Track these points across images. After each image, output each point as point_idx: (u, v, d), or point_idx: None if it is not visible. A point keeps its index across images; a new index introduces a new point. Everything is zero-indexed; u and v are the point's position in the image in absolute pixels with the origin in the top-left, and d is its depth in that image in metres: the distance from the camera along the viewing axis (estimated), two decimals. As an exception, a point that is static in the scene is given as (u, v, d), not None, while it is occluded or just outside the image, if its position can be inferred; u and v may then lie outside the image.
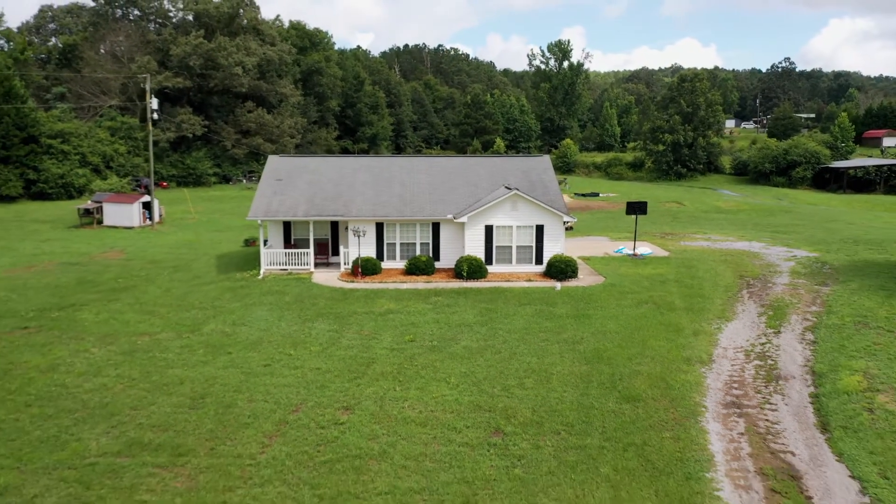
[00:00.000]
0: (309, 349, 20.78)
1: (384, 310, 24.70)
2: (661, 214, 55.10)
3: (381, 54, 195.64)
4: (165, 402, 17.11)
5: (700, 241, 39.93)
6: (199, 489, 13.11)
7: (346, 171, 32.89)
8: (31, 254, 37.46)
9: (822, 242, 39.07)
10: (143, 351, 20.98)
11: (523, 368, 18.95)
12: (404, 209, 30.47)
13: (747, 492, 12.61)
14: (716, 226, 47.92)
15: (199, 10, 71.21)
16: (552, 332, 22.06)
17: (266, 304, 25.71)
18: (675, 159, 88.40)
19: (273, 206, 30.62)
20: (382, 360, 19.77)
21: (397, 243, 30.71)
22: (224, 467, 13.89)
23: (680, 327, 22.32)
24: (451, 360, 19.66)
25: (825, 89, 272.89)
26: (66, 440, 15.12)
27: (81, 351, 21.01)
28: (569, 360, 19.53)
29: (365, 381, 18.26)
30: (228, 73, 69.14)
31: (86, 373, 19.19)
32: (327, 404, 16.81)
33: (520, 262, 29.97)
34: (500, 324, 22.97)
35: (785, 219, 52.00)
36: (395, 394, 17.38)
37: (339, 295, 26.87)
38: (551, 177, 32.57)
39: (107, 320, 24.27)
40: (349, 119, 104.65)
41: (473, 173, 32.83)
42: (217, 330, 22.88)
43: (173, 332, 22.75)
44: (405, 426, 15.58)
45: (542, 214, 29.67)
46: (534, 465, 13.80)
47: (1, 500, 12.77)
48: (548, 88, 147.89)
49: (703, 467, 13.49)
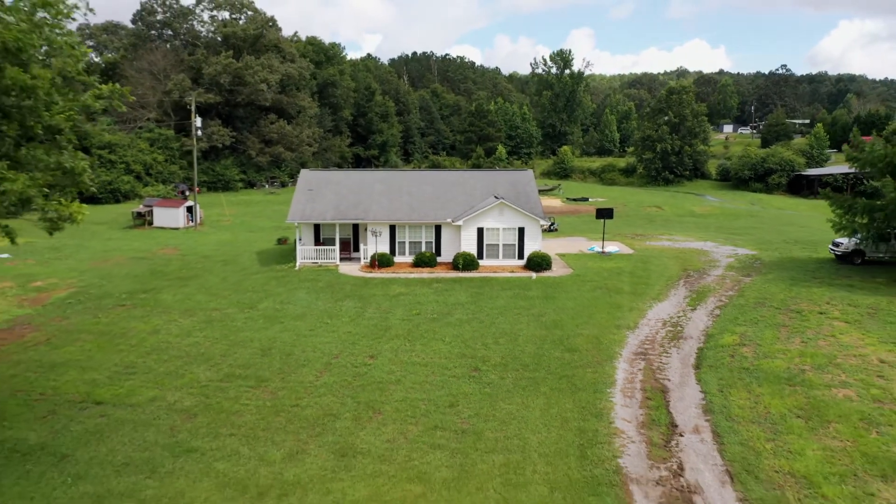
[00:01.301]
0: (341, 319, 27.99)
1: (396, 293, 31.90)
2: (640, 217, 62.07)
3: (390, 61, 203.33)
4: (243, 352, 24.34)
5: (663, 242, 46.93)
6: (279, 399, 20.30)
7: (365, 183, 40.14)
8: (102, 250, 44.87)
9: (766, 243, 46.00)
10: (218, 321, 28.25)
11: (498, 332, 26.07)
12: (412, 214, 37.68)
13: (631, 398, 19.71)
14: (683, 228, 54.87)
15: (227, 33, 78.82)
16: (524, 308, 29.18)
17: (304, 289, 32.97)
18: (664, 166, 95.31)
19: (306, 212, 37.90)
20: (396, 326, 26.95)
21: (406, 242, 37.91)
22: (293, 388, 21.08)
23: (621, 305, 29.41)
24: (446, 326, 26.82)
25: (825, 94, 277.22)
26: (183, 373, 22.38)
27: (171, 321, 28.31)
28: (533, 327, 26.64)
29: (384, 340, 25.43)
30: (254, 89, 76.67)
31: (180, 334, 26.47)
32: (358, 354, 23.99)
33: (505, 257, 37.13)
34: (485, 303, 30.11)
35: (747, 222, 58.88)
36: (405, 347, 24.53)
37: (361, 282, 34.10)
38: (533, 188, 39.69)
39: (183, 300, 31.58)
40: (361, 127, 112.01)
41: (469, 185, 39.98)
42: (270, 307, 30.14)
43: (236, 308, 30.03)
44: (412, 366, 22.72)
45: (523, 219, 36.80)
46: (498, 386, 20.92)
47: (156, 403, 20.01)
48: (549, 96, 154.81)
49: (606, 387, 20.58)
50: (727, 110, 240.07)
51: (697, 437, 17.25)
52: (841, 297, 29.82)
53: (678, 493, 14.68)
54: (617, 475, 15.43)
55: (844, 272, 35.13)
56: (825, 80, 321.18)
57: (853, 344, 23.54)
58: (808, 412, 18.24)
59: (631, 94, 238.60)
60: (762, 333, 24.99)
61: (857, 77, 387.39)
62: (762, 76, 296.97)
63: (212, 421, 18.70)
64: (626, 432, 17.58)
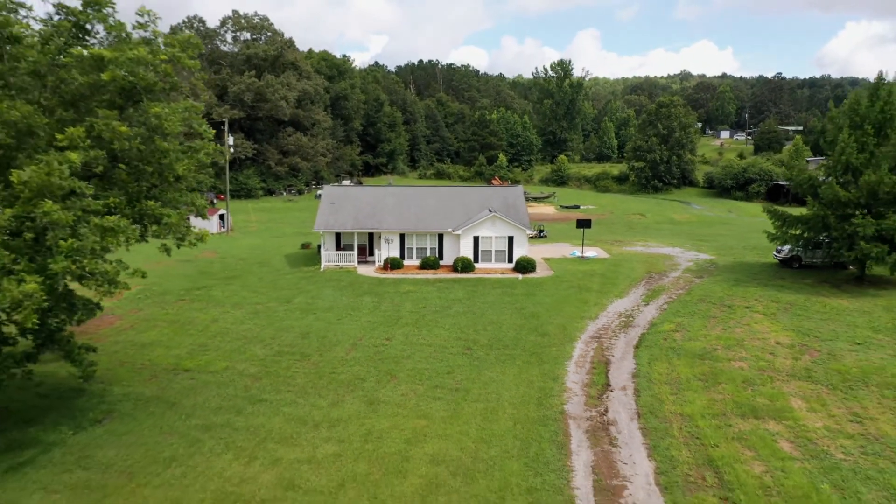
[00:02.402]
0: (361, 311, 34.91)
1: (406, 290, 38.80)
2: (623, 224, 68.82)
3: (397, 68, 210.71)
4: (287, 336, 31.28)
5: (638, 247, 53.71)
6: (319, 368, 27.20)
7: (379, 197, 47.08)
8: (149, 253, 51.79)
9: (727, 248, 52.71)
10: (263, 312, 35.21)
11: (487, 321, 32.92)
12: (419, 224, 44.58)
13: (581, 368, 26.55)
14: (659, 235, 61.62)
15: (249, 54, 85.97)
16: (509, 303, 36.04)
17: (330, 287, 39.92)
18: (653, 175, 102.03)
19: (329, 222, 44.86)
20: (406, 317, 33.85)
21: (414, 248, 44.80)
22: (329, 361, 27.99)
23: (588, 301, 36.25)
24: (446, 317, 33.69)
25: (823, 99, 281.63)
26: (244, 350, 29.33)
27: (225, 312, 35.29)
28: (515, 317, 33.49)
29: (396, 326, 32.32)
30: (274, 105, 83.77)
31: (235, 322, 33.44)
32: (376, 337, 30.88)
33: (496, 261, 44.00)
34: (478, 299, 36.98)
35: (718, 230, 65.56)
36: (413, 332, 31.41)
37: (376, 281, 41.03)
38: (522, 202, 46.53)
39: (231, 296, 38.56)
40: (370, 136, 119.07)
41: (467, 199, 46.85)
42: (303, 301, 37.10)
43: (276, 302, 37.00)
44: (419, 346, 29.58)
45: (512, 229, 43.67)
46: (483, 360, 27.77)
47: (229, 370, 26.94)
48: (550, 104, 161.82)
49: (564, 360, 27.41)
50: (725, 116, 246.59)
51: (623, 392, 24.09)
52: (769, 295, 36.61)
53: (600, 425, 21.51)
54: (560, 415, 22.27)
55: (781, 274, 41.88)
56: (825, 85, 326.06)
57: (761, 331, 30.38)
58: (707, 377, 25.07)
59: (631, 100, 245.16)
60: (694, 323, 31.83)
61: (860, 80, 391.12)
62: (763, 80, 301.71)
63: (273, 382, 25.64)
64: (573, 390, 24.44)
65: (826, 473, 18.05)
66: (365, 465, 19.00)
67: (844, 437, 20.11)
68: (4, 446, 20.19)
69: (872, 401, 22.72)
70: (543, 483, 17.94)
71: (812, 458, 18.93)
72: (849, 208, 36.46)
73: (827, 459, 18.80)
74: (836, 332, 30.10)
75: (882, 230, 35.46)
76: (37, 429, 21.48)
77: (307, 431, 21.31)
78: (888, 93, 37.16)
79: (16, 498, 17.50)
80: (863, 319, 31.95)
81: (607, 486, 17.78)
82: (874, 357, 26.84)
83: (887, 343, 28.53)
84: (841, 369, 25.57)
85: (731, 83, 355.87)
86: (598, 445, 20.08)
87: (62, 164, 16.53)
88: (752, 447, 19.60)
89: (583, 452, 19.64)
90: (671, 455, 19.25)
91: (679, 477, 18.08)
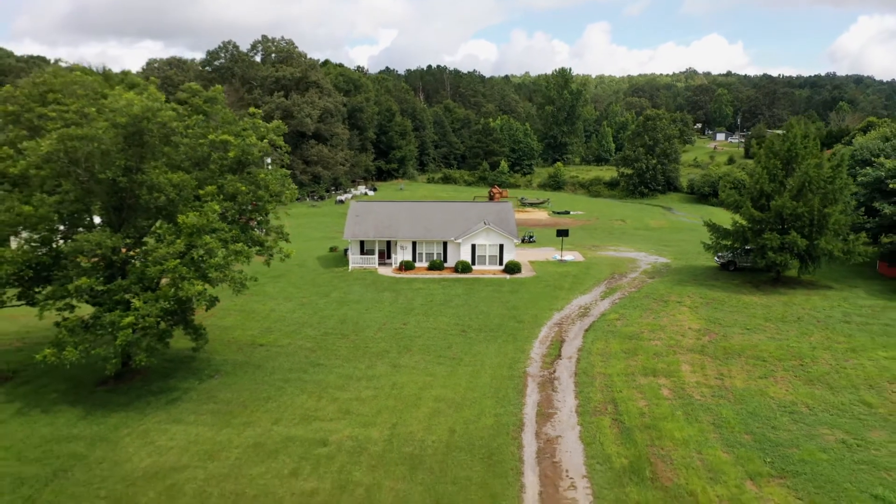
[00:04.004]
0: (383, 303, 45.64)
1: (417, 287, 49.50)
2: (603, 230, 79.24)
3: (407, 72, 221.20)
4: (329, 321, 42.06)
5: (610, 252, 64.18)
6: (356, 344, 37.95)
7: (395, 211, 57.79)
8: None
9: (684, 253, 63.08)
10: (307, 304, 46.01)
11: (479, 311, 43.57)
12: (427, 234, 55.24)
13: (543, 345, 37.20)
14: (632, 240, 72.01)
15: (279, 76, 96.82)
16: (497, 298, 46.66)
17: (357, 284, 50.69)
18: (640, 181, 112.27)
19: (356, 232, 55.62)
20: (417, 307, 44.56)
21: (423, 252, 55.46)
22: (363, 339, 38.76)
23: (558, 297, 46.85)
24: (448, 308, 44.36)
25: (820, 102, 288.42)
26: (299, 332, 40.08)
27: (279, 304, 46.10)
28: (500, 308, 44.11)
29: (410, 315, 43.03)
30: (300, 121, 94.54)
31: (288, 311, 44.25)
32: (396, 322, 41.60)
33: (490, 264, 54.64)
34: (474, 294, 47.61)
35: (684, 235, 75.81)
36: (423, 319, 42.11)
37: (393, 280, 51.74)
38: (511, 216, 57.07)
39: (280, 291, 49.38)
40: (383, 143, 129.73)
41: (467, 213, 57.44)
42: (338, 295, 47.89)
43: (317, 296, 47.80)
44: (428, 329, 40.27)
45: (503, 238, 54.27)
46: (474, 339, 38.45)
47: (291, 345, 37.73)
48: (551, 110, 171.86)
49: (532, 339, 38.04)
50: (723, 118, 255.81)
51: (568, 360, 34.72)
52: (699, 292, 47.11)
53: (548, 380, 32.13)
54: (523, 374, 32.91)
55: (717, 276, 52.29)
56: (825, 84, 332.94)
57: (681, 320, 40.93)
58: (630, 351, 35.67)
59: (632, 102, 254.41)
60: (633, 313, 42.42)
61: (864, 78, 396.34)
62: (767, 78, 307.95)
63: (324, 353, 36.40)
64: (534, 359, 35.08)
65: (684, 407, 28.65)
66: (392, 402, 29.74)
67: (706, 388, 30.69)
68: (159, 390, 31.11)
69: (737, 366, 33.27)
70: (505, 411, 28.63)
71: (679, 398, 29.54)
72: (762, 225, 46.86)
73: (688, 399, 29.40)
74: (737, 320, 40.62)
75: (785, 243, 45.82)
76: (174, 381, 32.40)
77: (352, 383, 32.10)
78: (794, 135, 47.44)
79: (179, 416, 28.38)
80: (762, 311, 42.44)
81: (545, 413, 28.45)
82: (755, 339, 37.36)
83: (770, 329, 39.03)
84: (727, 346, 36.11)
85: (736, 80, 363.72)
86: (544, 391, 30.78)
87: (212, 213, 27.29)
88: (643, 392, 30.23)
89: (533, 395, 30.33)
90: (589, 397, 29.90)
91: (591, 408, 28.73)
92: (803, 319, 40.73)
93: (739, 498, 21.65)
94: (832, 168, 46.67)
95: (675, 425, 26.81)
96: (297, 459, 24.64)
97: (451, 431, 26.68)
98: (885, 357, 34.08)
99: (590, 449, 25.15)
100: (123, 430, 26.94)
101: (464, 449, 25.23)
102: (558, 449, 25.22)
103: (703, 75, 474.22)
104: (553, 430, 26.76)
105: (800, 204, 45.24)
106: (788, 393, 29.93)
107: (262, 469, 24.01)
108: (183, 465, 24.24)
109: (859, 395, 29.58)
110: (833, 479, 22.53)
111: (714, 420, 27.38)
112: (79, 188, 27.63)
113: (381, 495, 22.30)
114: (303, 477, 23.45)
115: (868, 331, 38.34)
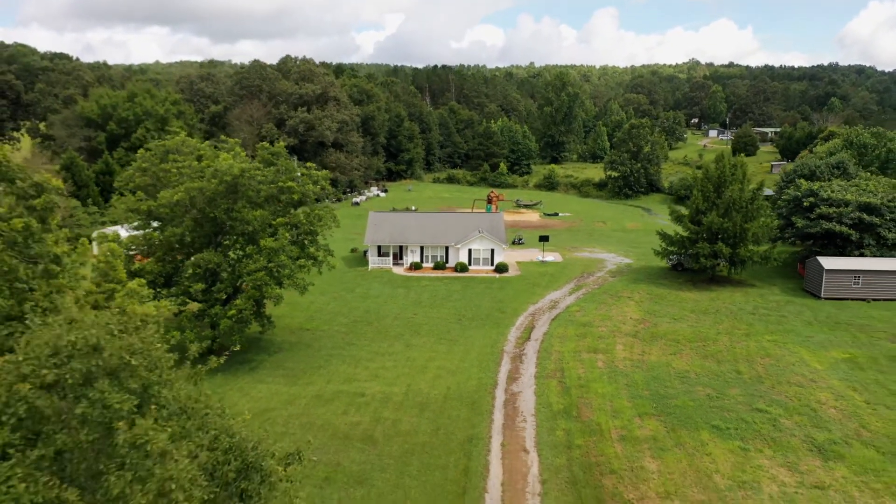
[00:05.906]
0: (397, 298, 58.31)
1: (423, 285, 62.11)
2: (585, 232, 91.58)
3: (414, 71, 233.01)
4: (356, 312, 54.77)
5: (585, 253, 76.56)
6: (378, 329, 50.69)
7: (406, 220, 70.30)
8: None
9: (647, 255, 75.32)
10: (339, 298, 58.74)
11: (473, 305, 56.17)
12: (432, 240, 67.78)
13: (518, 330, 49.79)
14: (608, 242, 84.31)
15: (302, 93, 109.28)
16: (488, 293, 59.23)
17: (376, 282, 63.36)
18: (625, 184, 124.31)
19: (374, 238, 68.25)
20: (424, 301, 57.23)
21: (429, 255, 68.01)
22: (383, 325, 51.46)
23: (535, 293, 59.39)
24: (449, 301, 57.01)
25: (814, 97, 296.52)
26: (335, 319, 52.85)
27: (315, 298, 58.73)
28: (489, 302, 56.70)
29: (419, 307, 55.70)
30: (321, 133, 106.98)
31: (324, 304, 56.99)
32: (408, 313, 54.25)
33: (483, 265, 67.19)
34: (469, 290, 60.19)
35: (654, 238, 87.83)
36: (429, 311, 54.75)
37: (405, 279, 64.36)
38: (502, 225, 69.48)
39: (315, 287, 61.78)
40: (392, 147, 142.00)
41: (465, 223, 69.88)
42: (361, 291, 60.59)
43: (344, 291, 60.52)
44: (432, 318, 52.89)
45: (494, 243, 66.76)
46: (468, 325, 51.07)
47: (330, 330, 50.49)
48: (549, 111, 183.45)
49: (510, 326, 50.62)
50: (717, 115, 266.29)
51: (535, 342, 47.28)
52: (648, 289, 59.57)
53: (518, 356, 44.73)
54: (501, 351, 45.51)
55: (667, 275, 64.68)
56: (823, 78, 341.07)
57: (627, 311, 53.46)
58: (581, 335, 48.22)
59: (630, 98, 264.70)
60: (589, 306, 54.96)
61: (866, 69, 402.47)
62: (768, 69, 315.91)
63: (355, 336, 49.10)
64: (510, 340, 47.67)
65: (609, 373, 41.19)
66: (407, 370, 42.41)
67: (629, 361, 43.25)
68: (242, 360, 43.93)
69: (657, 346, 45.78)
70: (485, 376, 41.24)
71: (608, 368, 42.10)
72: (697, 236, 59.18)
73: (614, 369, 41.95)
74: (669, 312, 53.10)
75: (714, 251, 58.13)
76: (251, 354, 45.22)
77: (378, 357, 44.84)
78: (725, 164, 59.57)
79: (261, 378, 41.18)
80: (691, 305, 54.90)
81: (512, 377, 41.08)
82: (679, 326, 49.84)
83: (692, 318, 51.50)
84: (655, 332, 48.62)
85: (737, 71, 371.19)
86: (514, 363, 43.42)
87: (284, 238, 39.87)
88: (583, 364, 42.81)
89: (506, 366, 42.98)
90: (545, 367, 42.51)
91: (545, 374, 41.33)
92: (720, 311, 53.20)
93: (628, 426, 34.24)
94: (752, 192, 58.91)
95: (599, 385, 39.40)
96: (346, 405, 37.35)
97: (448, 388, 39.35)
98: (769, 340, 46.57)
99: (539, 399, 37.77)
100: (227, 387, 39.75)
101: (456, 399, 37.89)
102: (518, 399, 37.88)
103: (705, 66, 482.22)
104: (516, 388, 39.41)
105: (725, 220, 57.54)
106: (686, 365, 42.48)
107: (323, 410, 36.75)
108: (272, 408, 37.02)
109: (736, 366, 42.11)
110: (691, 416, 35.10)
111: (628, 382, 39.92)
112: (192, 222, 40.27)
113: (402, 426, 34.97)
114: (350, 414, 36.17)
115: (765, 320, 50.81)
